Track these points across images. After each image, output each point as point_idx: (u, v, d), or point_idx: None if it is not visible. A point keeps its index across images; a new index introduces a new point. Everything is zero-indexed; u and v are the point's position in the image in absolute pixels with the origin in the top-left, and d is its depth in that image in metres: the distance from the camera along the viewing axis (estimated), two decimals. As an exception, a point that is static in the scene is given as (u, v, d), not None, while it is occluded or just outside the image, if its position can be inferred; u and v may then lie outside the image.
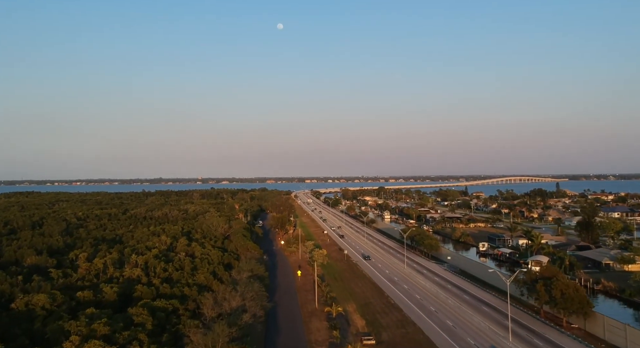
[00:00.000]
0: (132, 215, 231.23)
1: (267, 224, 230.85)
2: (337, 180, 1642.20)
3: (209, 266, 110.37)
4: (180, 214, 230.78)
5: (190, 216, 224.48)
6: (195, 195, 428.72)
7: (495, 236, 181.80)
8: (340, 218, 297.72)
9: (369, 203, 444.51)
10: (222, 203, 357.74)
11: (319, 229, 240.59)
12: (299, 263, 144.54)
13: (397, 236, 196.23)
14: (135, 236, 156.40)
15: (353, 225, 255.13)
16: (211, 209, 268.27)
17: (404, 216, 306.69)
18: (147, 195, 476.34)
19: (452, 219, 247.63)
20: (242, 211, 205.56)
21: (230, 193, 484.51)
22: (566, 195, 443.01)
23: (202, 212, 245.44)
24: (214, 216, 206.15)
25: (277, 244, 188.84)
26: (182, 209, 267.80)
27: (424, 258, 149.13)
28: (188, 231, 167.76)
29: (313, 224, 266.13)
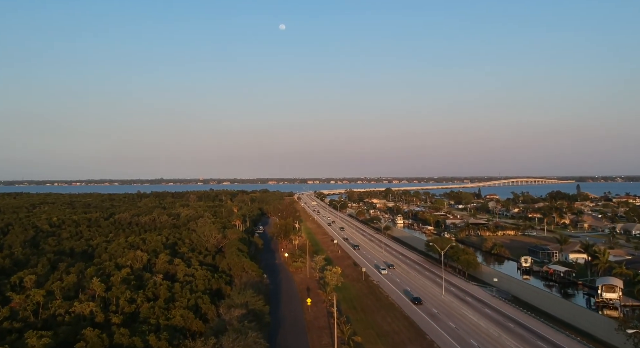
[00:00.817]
0: (116, 221, 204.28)
1: (269, 231, 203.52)
2: (339, 181, 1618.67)
3: (190, 296, 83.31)
4: (170, 220, 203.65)
5: (181, 223, 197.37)
6: (192, 197, 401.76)
7: (539, 249, 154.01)
8: (349, 223, 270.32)
9: (377, 206, 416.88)
10: (220, 205, 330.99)
11: (327, 236, 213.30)
12: (307, 284, 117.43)
13: (421, 247, 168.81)
14: (109, 249, 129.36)
15: (365, 232, 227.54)
16: (206, 213, 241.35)
17: (419, 221, 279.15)
18: (142, 197, 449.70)
19: (476, 225, 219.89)
20: (239, 217, 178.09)
21: (230, 194, 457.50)
22: (588, 198, 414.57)
23: (195, 217, 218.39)
24: (207, 223, 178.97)
25: (279, 256, 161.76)
26: (173, 213, 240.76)
27: (460, 278, 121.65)
28: (174, 243, 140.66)
29: (320, 230, 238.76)
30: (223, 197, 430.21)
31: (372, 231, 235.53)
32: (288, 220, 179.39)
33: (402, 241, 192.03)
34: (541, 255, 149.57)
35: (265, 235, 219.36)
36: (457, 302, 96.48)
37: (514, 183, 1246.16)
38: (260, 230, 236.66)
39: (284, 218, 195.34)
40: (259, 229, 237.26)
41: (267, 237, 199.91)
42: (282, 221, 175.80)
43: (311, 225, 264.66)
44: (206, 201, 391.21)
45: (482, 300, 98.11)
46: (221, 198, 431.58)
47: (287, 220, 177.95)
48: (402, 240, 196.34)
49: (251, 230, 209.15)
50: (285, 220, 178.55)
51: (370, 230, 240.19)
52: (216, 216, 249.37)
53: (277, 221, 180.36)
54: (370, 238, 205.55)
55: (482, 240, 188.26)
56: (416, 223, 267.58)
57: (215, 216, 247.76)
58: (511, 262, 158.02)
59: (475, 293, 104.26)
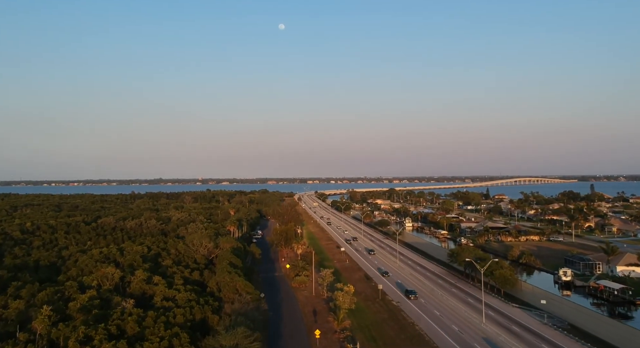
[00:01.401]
0: (99, 226, 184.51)
1: (268, 237, 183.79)
2: (339, 181, 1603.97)
3: (165, 333, 63.78)
4: (158, 225, 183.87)
5: (170, 228, 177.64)
6: (187, 198, 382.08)
7: (578, 259, 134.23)
8: (354, 227, 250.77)
9: (382, 207, 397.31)
10: (216, 207, 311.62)
11: (332, 242, 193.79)
12: (314, 306, 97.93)
13: (439, 255, 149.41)
14: (79, 262, 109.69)
15: (374, 238, 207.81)
16: (200, 216, 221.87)
17: (429, 224, 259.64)
18: (135, 198, 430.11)
19: (496, 230, 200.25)
20: (234, 223, 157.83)
21: (227, 195, 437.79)
22: (604, 199, 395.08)
23: (187, 221, 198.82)
24: (198, 229, 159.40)
25: (280, 266, 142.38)
26: (163, 217, 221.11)
27: (495, 298, 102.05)
28: (157, 254, 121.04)
29: (323, 235, 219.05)
30: (220, 198, 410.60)
31: (380, 235, 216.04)
32: (289, 225, 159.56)
33: (416, 248, 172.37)
34: (581, 266, 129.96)
35: (265, 240, 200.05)
36: (504, 334, 76.78)
37: (516, 182, 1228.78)
38: (259, 234, 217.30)
39: (284, 223, 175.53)
40: (257, 234, 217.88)
41: (266, 244, 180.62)
42: (282, 227, 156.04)
43: (314, 228, 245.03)
44: (202, 202, 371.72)
45: (533, 331, 78.44)
46: (218, 199, 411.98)
47: (289, 225, 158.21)
48: (416, 246, 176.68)
49: (248, 235, 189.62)
50: (286, 225, 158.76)
51: (379, 234, 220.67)
52: (211, 219, 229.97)
53: (277, 227, 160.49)
54: (380, 244, 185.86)
55: (505, 247, 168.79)
56: (427, 227, 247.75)
57: (210, 219, 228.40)
58: (543, 274, 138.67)
59: (522, 320, 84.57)
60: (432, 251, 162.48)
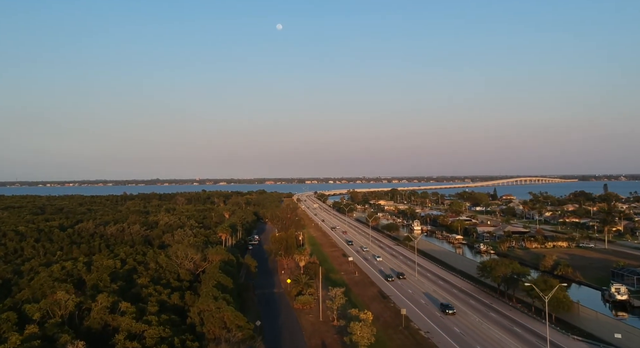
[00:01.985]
0: (75, 232, 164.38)
1: (266, 245, 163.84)
2: (338, 181, 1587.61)
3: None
4: (142, 231, 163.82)
5: (155, 235, 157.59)
6: (180, 200, 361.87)
7: (630, 272, 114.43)
8: (359, 230, 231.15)
9: (386, 209, 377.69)
10: (210, 209, 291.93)
11: (337, 249, 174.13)
12: (322, 337, 78.26)
13: (464, 267, 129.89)
14: (34, 281, 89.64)
15: (383, 244, 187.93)
16: (191, 220, 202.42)
17: (440, 227, 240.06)
18: (126, 199, 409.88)
19: (518, 235, 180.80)
20: (226, 230, 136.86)
21: (223, 196, 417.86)
22: (619, 199, 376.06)
23: (176, 226, 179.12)
24: (187, 236, 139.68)
25: (279, 280, 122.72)
26: (151, 221, 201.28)
27: (543, 324, 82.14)
28: (131, 269, 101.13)
29: (326, 240, 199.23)
30: (215, 199, 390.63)
31: (389, 241, 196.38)
32: (290, 231, 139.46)
33: (433, 258, 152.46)
34: (635, 281, 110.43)
35: (262, 246, 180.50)
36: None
37: (517, 182, 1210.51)
38: (256, 240, 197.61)
39: (284, 229, 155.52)
40: (253, 239, 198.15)
41: (264, 251, 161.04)
42: (282, 234, 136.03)
43: (315, 232, 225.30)
44: (196, 204, 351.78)
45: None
46: (213, 200, 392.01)
47: (289, 232, 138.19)
48: (433, 255, 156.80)
49: (243, 242, 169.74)
50: (286, 232, 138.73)
51: (387, 239, 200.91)
52: (203, 223, 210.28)
53: (276, 234, 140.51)
54: (391, 252, 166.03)
55: (532, 255, 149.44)
56: (438, 231, 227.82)
57: (202, 223, 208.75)
58: (584, 289, 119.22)
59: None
60: (452, 261, 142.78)
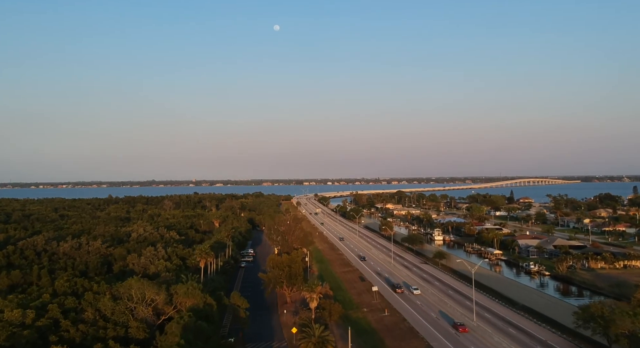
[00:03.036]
0: (17, 249, 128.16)
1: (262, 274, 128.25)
2: (336, 182, 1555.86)
3: None
4: (103, 249, 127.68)
5: (118, 255, 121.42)
6: (168, 204, 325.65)
7: None
8: (372, 241, 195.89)
9: (395, 213, 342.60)
10: (199, 215, 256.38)
11: (351, 270, 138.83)
12: None
13: (532, 303, 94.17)
14: None
15: (408, 262, 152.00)
16: (172, 231, 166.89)
17: (466, 237, 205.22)
18: (110, 202, 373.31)
19: (575, 251, 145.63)
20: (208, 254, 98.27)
21: (216, 199, 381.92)
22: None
23: (151, 241, 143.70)
24: (156, 259, 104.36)
25: (281, 324, 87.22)
26: (123, 232, 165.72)
27: None
28: (52, 323, 65.34)
29: (337, 256, 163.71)
30: (207, 203, 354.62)
31: (411, 256, 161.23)
32: (294, 254, 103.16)
33: (483, 285, 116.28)
34: None
35: (257, 263, 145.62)
36: None
37: (519, 183, 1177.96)
38: (250, 255, 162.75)
39: (286, 246, 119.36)
40: (247, 254, 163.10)
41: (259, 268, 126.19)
42: (285, 258, 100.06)
43: (321, 244, 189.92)
44: (185, 208, 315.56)
45: None
46: (205, 204, 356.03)
47: (293, 255, 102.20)
48: (481, 282, 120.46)
49: (233, 263, 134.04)
50: (289, 255, 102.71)
51: (409, 254, 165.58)
52: (186, 235, 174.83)
53: (275, 253, 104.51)
54: (420, 274, 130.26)
55: (608, 280, 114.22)
56: (464, 241, 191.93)
57: (185, 235, 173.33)
58: None
59: None
60: (511, 293, 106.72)
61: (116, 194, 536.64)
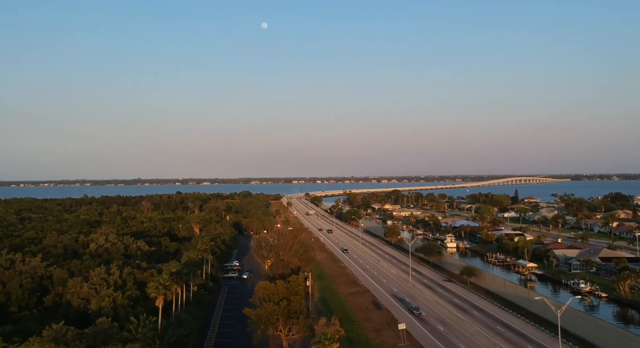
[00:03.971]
0: None
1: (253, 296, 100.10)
2: (326, 181, 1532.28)
3: None
4: (42, 268, 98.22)
5: (58, 278, 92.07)
6: (146, 205, 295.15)
7: None
8: (380, 253, 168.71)
9: (395, 215, 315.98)
10: (179, 219, 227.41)
11: (361, 291, 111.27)
12: None
13: None
14: None
15: (429, 279, 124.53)
16: (139, 242, 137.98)
17: (484, 245, 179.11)
18: (83, 203, 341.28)
19: (631, 263, 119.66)
20: (167, 289, 69.20)
21: (201, 200, 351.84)
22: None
23: (109, 255, 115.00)
24: (102, 288, 75.71)
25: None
26: (81, 242, 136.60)
27: None
28: None
29: (339, 270, 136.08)
30: (190, 204, 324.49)
31: (430, 271, 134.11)
32: (294, 282, 74.48)
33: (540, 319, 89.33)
34: None
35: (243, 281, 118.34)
36: None
37: (510, 182, 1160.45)
38: (235, 267, 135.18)
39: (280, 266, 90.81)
40: (232, 266, 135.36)
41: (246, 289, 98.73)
42: (279, 286, 71.73)
43: (319, 253, 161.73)
44: (165, 210, 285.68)
45: None
46: (187, 205, 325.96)
47: (293, 282, 73.85)
48: (533, 311, 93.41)
49: (212, 285, 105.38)
50: (286, 281, 74.26)
51: (425, 267, 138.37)
52: (158, 246, 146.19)
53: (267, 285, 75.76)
54: (450, 299, 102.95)
55: None
56: (489, 252, 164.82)
57: (157, 246, 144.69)
58: None
59: None
60: (579, 329, 79.79)
61: (100, 193, 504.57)
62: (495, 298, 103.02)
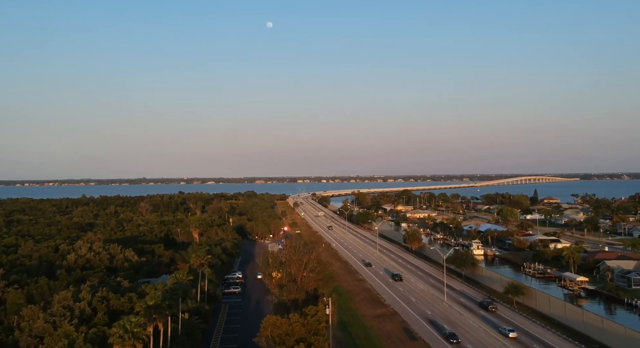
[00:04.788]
0: None
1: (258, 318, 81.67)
2: (331, 180, 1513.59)
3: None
4: None
5: (12, 305, 74.01)
6: (144, 206, 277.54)
7: None
8: (399, 261, 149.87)
9: (408, 217, 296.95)
10: (179, 221, 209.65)
11: (389, 314, 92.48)
12: None
13: None
14: None
15: (463, 296, 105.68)
16: (127, 251, 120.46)
17: (516, 252, 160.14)
18: (79, 204, 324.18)
19: None
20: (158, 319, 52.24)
21: (203, 200, 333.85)
22: None
23: (89, 270, 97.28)
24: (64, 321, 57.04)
25: None
26: (62, 251, 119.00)
27: None
28: None
29: (357, 283, 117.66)
30: (191, 205, 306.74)
31: (463, 284, 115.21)
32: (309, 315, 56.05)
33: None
34: None
35: (247, 292, 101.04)
36: None
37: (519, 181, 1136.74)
38: (238, 281, 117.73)
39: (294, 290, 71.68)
40: (234, 282, 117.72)
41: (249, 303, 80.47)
42: (296, 324, 53.31)
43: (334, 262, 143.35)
44: (164, 211, 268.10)
45: None
46: (189, 205, 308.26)
47: (308, 319, 55.40)
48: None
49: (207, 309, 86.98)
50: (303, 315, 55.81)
51: (457, 281, 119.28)
52: (150, 255, 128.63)
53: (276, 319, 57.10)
54: (498, 325, 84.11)
55: None
56: (525, 262, 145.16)
57: (149, 255, 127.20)
58: None
59: None
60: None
61: (104, 193, 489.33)
62: (553, 324, 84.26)
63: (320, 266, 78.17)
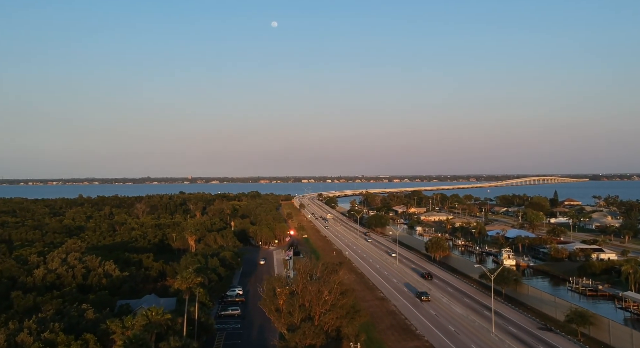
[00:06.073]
0: None
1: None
2: (336, 180, 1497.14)
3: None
4: None
5: None
6: (141, 207, 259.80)
7: None
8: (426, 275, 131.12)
9: (422, 219, 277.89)
10: (175, 225, 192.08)
11: None
12: None
13: None
14: None
15: (511, 323, 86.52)
16: (107, 263, 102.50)
17: (553, 263, 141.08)
18: (74, 204, 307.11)
19: None
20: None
21: (204, 201, 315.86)
22: None
23: (44, 298, 79.24)
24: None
25: None
26: (31, 263, 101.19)
27: None
28: None
29: (379, 305, 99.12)
30: (191, 206, 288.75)
31: (504, 306, 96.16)
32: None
33: None
34: None
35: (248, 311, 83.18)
36: None
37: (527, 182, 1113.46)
38: (237, 301, 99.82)
39: (311, 333, 53.30)
40: (233, 300, 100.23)
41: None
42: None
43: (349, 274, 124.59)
44: (161, 213, 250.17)
45: None
46: (188, 207, 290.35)
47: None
48: None
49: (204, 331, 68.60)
50: None
51: (497, 302, 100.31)
52: (136, 267, 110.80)
53: None
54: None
55: None
56: (570, 276, 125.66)
57: (135, 267, 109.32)
58: None
59: None
60: None
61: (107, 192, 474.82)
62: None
63: (344, 298, 58.95)
